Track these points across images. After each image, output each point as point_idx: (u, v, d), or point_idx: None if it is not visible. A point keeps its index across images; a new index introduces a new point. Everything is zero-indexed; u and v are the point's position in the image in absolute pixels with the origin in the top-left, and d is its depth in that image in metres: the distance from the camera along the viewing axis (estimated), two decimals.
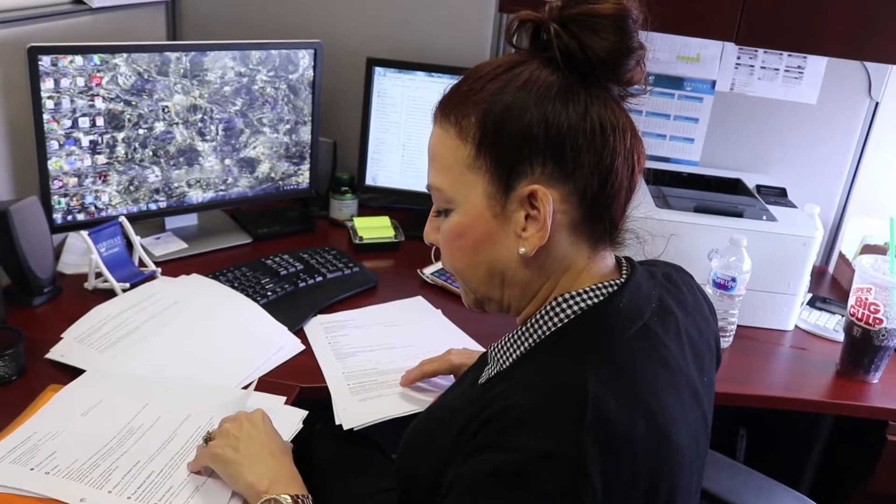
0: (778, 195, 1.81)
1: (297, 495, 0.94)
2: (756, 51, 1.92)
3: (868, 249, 1.85)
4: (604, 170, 0.81)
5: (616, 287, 0.83)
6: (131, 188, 1.65)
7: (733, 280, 1.50)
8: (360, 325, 1.48)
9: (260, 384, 1.25)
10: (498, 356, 0.87)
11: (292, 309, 1.49)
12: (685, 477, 0.81)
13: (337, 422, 1.19)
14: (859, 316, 1.46)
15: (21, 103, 1.49)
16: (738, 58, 1.94)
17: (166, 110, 1.64)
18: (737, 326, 1.57)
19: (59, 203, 1.56)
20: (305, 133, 1.86)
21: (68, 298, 1.48)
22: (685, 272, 0.99)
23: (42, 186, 1.52)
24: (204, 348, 1.32)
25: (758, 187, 1.84)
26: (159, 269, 1.57)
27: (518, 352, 0.84)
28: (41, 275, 1.43)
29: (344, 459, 1.20)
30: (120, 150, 1.61)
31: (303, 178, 1.91)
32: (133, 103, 1.59)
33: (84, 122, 1.54)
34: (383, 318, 1.52)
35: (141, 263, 1.58)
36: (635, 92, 0.84)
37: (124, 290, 1.47)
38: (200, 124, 1.70)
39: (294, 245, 1.76)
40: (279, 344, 1.37)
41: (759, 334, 1.63)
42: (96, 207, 1.62)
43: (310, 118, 1.86)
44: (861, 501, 1.53)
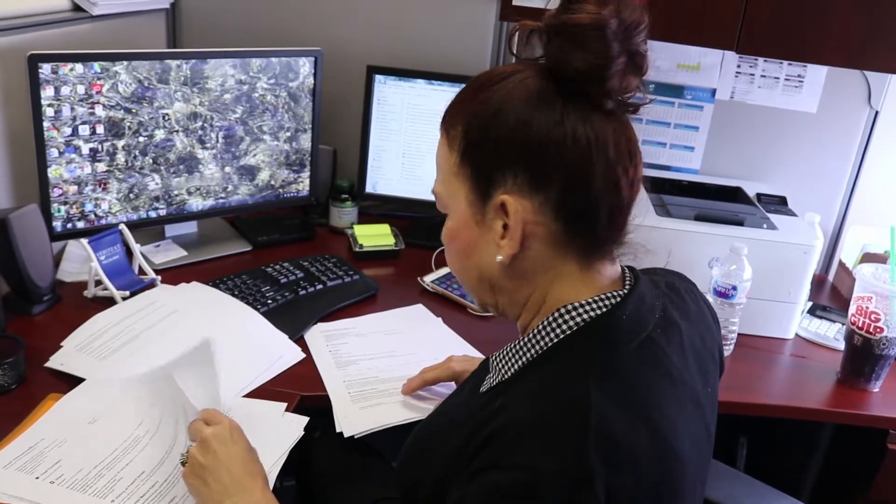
0: (778, 203, 1.81)
1: None
2: (756, 59, 1.93)
3: (868, 258, 1.85)
4: (577, 183, 0.79)
5: (619, 298, 0.83)
6: (131, 196, 1.65)
7: (734, 288, 1.50)
8: (361, 334, 1.48)
9: (260, 392, 1.24)
10: (499, 365, 0.86)
11: (292, 317, 1.49)
12: (688, 487, 0.81)
13: (338, 429, 1.19)
14: (860, 325, 1.46)
15: (21, 111, 1.49)
16: (739, 66, 1.94)
17: (166, 118, 1.64)
18: (737, 335, 1.57)
19: (59, 211, 1.56)
20: (306, 141, 1.86)
21: (68, 306, 1.48)
22: (688, 281, 0.99)
23: (42, 194, 1.52)
24: None
25: (758, 196, 1.84)
26: (159, 277, 1.57)
27: (520, 362, 0.84)
28: (41, 283, 1.43)
29: (344, 467, 1.20)
30: (120, 158, 1.60)
31: (303, 186, 1.91)
32: (133, 111, 1.59)
33: (84, 130, 1.54)
34: (384, 327, 1.52)
35: (141, 271, 1.58)
36: (636, 102, 0.82)
37: (124, 298, 1.46)
38: (201, 132, 1.70)
39: (294, 253, 1.76)
40: (279, 352, 1.37)
41: (760, 342, 1.63)
42: (96, 215, 1.61)
43: (310, 126, 1.86)
44: None
